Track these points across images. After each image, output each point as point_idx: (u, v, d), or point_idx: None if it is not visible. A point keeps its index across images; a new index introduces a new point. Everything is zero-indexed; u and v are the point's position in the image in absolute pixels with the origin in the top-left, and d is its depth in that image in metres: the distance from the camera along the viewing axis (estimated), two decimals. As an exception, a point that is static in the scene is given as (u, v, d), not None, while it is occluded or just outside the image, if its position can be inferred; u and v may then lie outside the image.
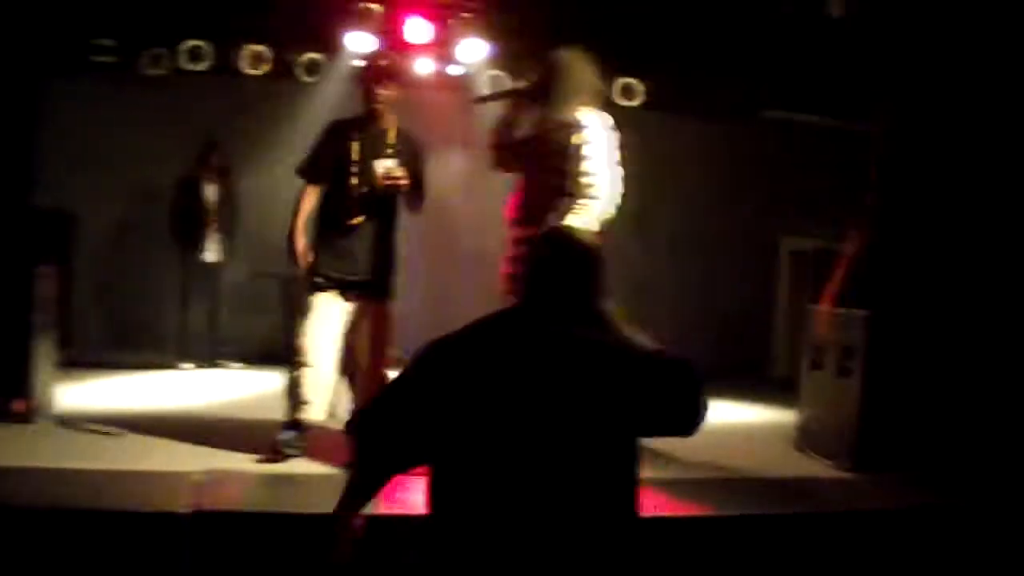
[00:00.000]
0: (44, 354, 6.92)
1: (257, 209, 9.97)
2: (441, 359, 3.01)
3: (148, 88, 9.60)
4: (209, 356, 9.86)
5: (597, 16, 9.52)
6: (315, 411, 6.05)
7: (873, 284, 6.85)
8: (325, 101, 9.88)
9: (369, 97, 6.13)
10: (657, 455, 6.12)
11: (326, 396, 6.10)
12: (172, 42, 9.56)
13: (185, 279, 9.80)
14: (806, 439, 7.12)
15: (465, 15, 9.48)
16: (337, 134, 6.19)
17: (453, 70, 10.07)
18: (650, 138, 10.81)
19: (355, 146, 6.07)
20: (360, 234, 6.07)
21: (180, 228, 9.77)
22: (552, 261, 3.10)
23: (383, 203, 6.16)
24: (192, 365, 9.69)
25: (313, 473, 5.80)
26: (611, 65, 10.35)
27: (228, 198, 9.90)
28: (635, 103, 10.38)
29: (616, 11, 9.49)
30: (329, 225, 6.14)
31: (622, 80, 10.32)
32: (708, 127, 10.87)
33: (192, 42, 9.54)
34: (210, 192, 9.79)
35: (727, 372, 9.62)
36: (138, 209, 10.29)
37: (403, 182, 6.03)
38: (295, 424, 6.04)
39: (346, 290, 6.08)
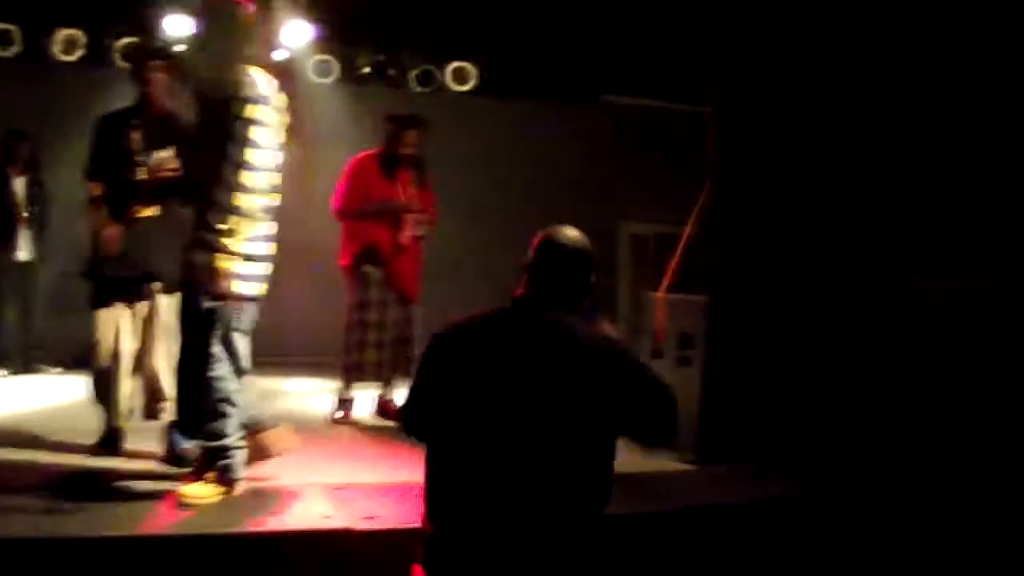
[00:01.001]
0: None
1: (73, 203, 9.43)
2: (441, 348, 3.31)
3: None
4: (23, 361, 9.26)
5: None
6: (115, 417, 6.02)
7: (712, 270, 6.70)
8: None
9: (141, 83, 6.01)
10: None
11: (128, 398, 6.03)
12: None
13: (-5, 280, 9.19)
14: (649, 431, 6.95)
15: (289, -4, 9.09)
16: (112, 127, 5.97)
17: (277, 55, 9.66)
18: (484, 124, 10.65)
19: (135, 136, 5.85)
20: (142, 230, 5.87)
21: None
22: (545, 262, 3.38)
23: (166, 195, 5.87)
24: (4, 372, 9.09)
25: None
26: (443, 48, 10.17)
27: (39, 193, 9.29)
28: (467, 87, 10.16)
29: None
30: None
31: (454, 64, 10.10)
32: (545, 112, 10.68)
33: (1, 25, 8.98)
34: (19, 186, 9.17)
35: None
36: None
37: (178, 172, 5.81)
38: (113, 429, 6.00)
39: (130, 290, 5.96)
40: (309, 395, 8.28)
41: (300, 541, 4.70)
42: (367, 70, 10.04)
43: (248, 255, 4.99)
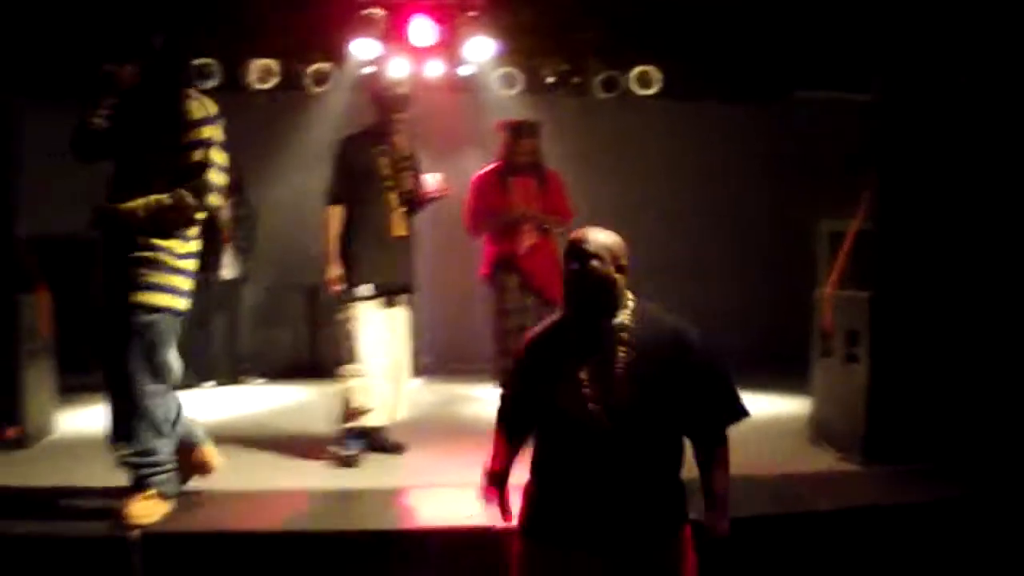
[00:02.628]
0: (38, 380, 6.97)
1: (272, 222, 9.94)
2: (526, 352, 3.80)
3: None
4: (230, 373, 9.78)
5: (607, 4, 9.31)
6: (376, 417, 6.51)
7: (877, 265, 6.54)
8: (333, 110, 9.85)
9: (386, 121, 6.56)
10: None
11: (384, 402, 6.56)
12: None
13: (203, 297, 9.69)
14: (819, 431, 6.87)
15: (470, 13, 9.28)
16: (356, 149, 6.56)
17: (463, 70, 9.90)
18: (671, 127, 10.62)
19: (383, 161, 6.49)
20: (393, 243, 6.51)
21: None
22: (578, 273, 3.67)
23: (409, 212, 6.67)
24: (213, 383, 9.62)
25: (282, 489, 5.76)
26: (626, 54, 10.18)
27: (245, 214, 9.80)
28: (652, 91, 10.12)
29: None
30: (365, 238, 6.48)
31: (638, 68, 10.07)
32: (733, 111, 10.60)
33: (201, 60, 9.49)
34: (224, 210, 9.67)
35: (768, 361, 9.32)
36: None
37: (447, 193, 6.72)
38: (359, 433, 6.50)
39: (386, 298, 6.55)
40: (494, 401, 8.42)
41: (443, 538, 4.93)
42: (551, 80, 10.16)
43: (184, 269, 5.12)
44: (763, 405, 8.20)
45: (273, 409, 8.54)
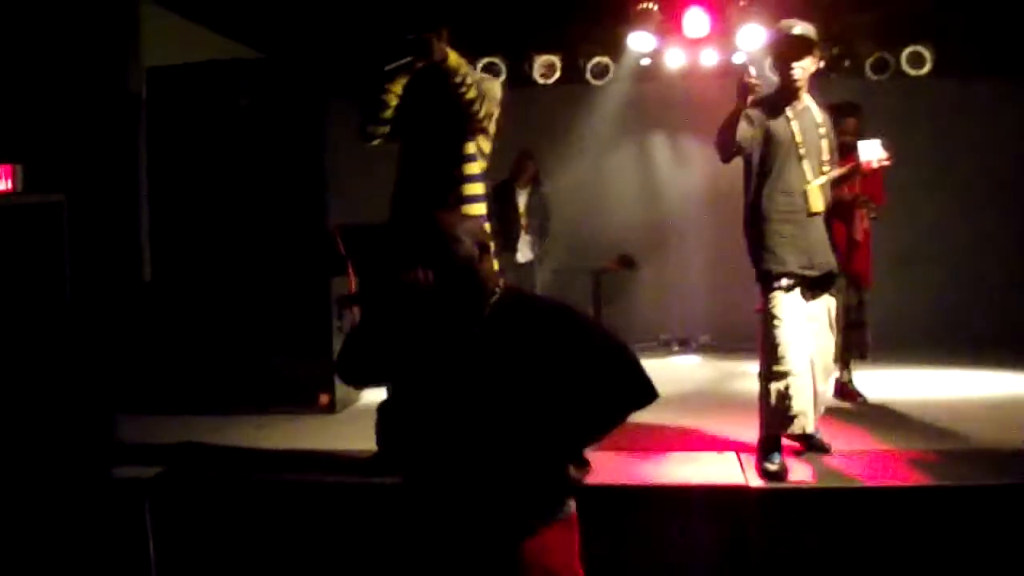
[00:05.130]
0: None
1: (559, 209, 10.52)
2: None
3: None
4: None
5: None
6: (807, 423, 5.57)
7: None
8: (614, 101, 10.39)
9: (784, 74, 5.76)
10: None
11: (812, 405, 5.61)
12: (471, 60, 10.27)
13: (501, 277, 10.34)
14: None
15: (741, 2, 9.57)
16: (768, 112, 5.61)
17: (736, 58, 10.20)
18: (943, 108, 10.56)
19: (795, 126, 5.57)
20: (813, 223, 5.65)
21: (495, 232, 10.32)
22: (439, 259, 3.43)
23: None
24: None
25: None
26: (897, 34, 10.22)
27: (540, 203, 10.39)
28: (924, 71, 10.16)
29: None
30: (782, 216, 5.59)
31: (909, 48, 10.13)
32: (1009, 89, 10.46)
33: (488, 59, 10.20)
34: (522, 199, 10.35)
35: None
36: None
37: (887, 163, 5.98)
38: (777, 442, 5.59)
39: (807, 286, 5.64)
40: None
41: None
42: (822, 64, 10.30)
43: None
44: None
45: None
